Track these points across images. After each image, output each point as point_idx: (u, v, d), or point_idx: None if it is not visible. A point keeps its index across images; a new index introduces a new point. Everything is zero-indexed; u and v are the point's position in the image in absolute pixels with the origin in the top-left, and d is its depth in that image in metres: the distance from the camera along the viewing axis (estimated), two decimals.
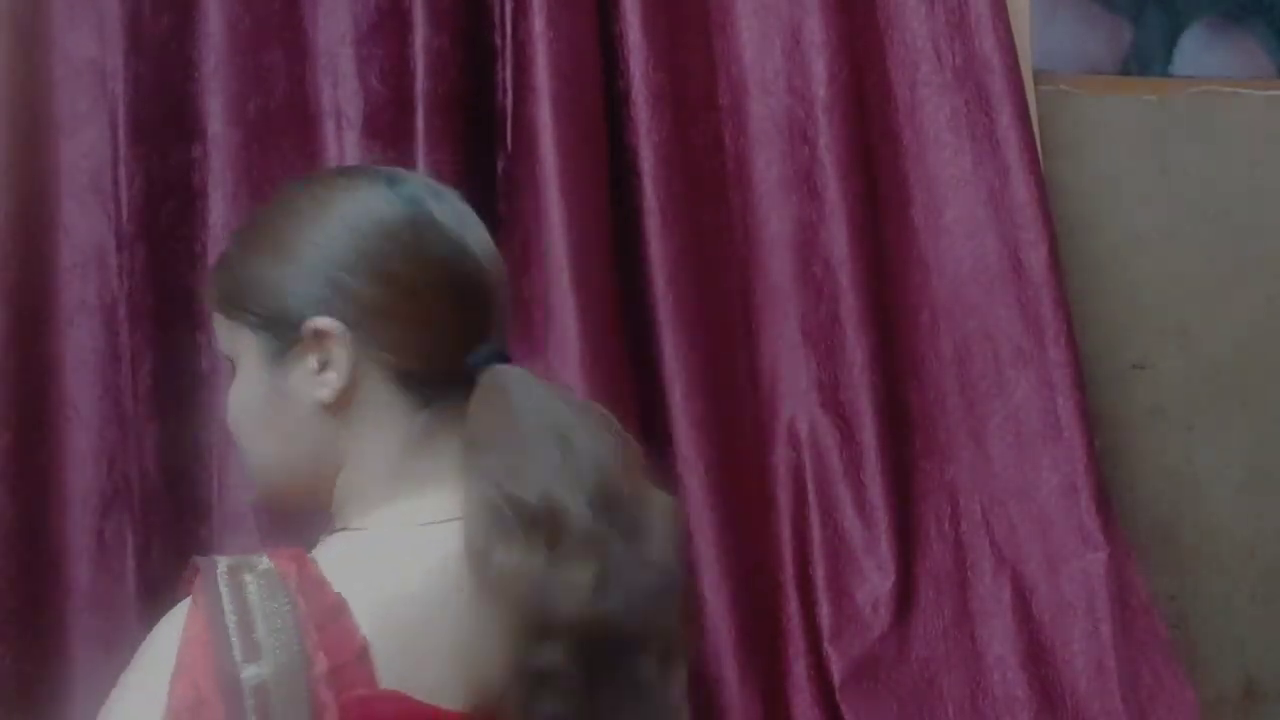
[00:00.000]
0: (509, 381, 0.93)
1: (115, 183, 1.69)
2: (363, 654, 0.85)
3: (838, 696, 1.61)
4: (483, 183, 1.70)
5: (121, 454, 1.69)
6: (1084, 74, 1.93)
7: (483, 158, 1.70)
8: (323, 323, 0.92)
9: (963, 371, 1.72)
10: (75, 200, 1.70)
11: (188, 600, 0.87)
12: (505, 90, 1.70)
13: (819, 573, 1.63)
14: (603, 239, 1.65)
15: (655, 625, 0.91)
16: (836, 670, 1.61)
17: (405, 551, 0.90)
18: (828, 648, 1.62)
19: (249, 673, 0.82)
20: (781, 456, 1.67)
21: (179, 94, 1.69)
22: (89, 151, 1.70)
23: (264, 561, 0.87)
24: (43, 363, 1.68)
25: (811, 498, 1.65)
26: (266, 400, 0.96)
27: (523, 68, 1.65)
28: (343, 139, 1.68)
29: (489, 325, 0.97)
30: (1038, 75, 1.86)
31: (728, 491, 1.62)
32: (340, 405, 0.94)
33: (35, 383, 1.67)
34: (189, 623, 0.84)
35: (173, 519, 1.69)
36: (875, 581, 1.64)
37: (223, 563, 0.87)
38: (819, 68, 1.72)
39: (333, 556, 0.90)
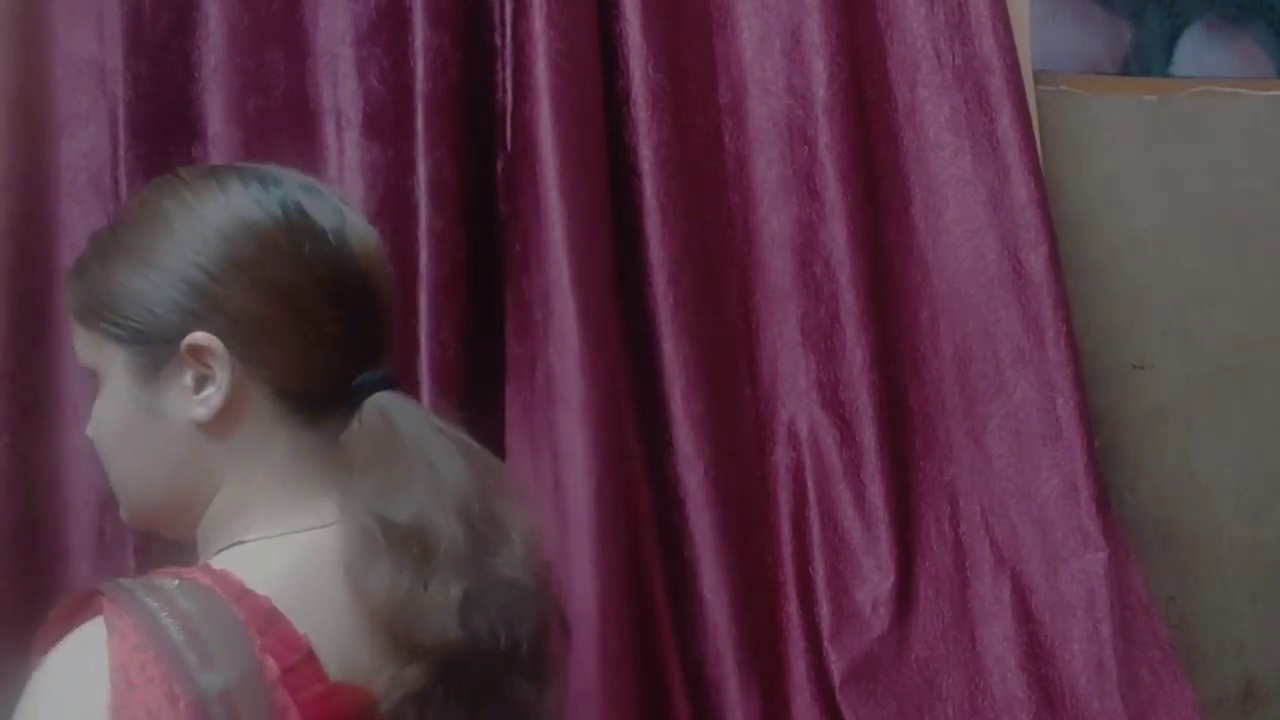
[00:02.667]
0: (390, 409, 0.89)
1: (115, 182, 1.68)
2: (309, 653, 0.83)
3: (837, 697, 1.59)
4: (483, 183, 1.68)
5: None
6: (1084, 74, 1.91)
7: (483, 158, 1.69)
8: (200, 338, 0.86)
9: (962, 371, 1.70)
10: (75, 200, 1.68)
11: (95, 628, 0.80)
12: (505, 90, 1.68)
13: (819, 573, 1.62)
14: (603, 239, 1.63)
15: (525, 645, 0.89)
16: (836, 670, 1.59)
17: (300, 555, 0.88)
18: (827, 648, 1.60)
19: (208, 681, 0.78)
20: (781, 456, 1.65)
21: (179, 94, 1.68)
22: (89, 151, 1.68)
23: (173, 580, 0.83)
24: (43, 363, 1.67)
25: (811, 497, 1.64)
26: (135, 418, 0.89)
27: (523, 68, 1.63)
28: (343, 139, 1.66)
29: (377, 342, 0.92)
30: (1038, 75, 1.85)
31: (727, 491, 1.61)
32: (218, 425, 0.87)
33: (35, 383, 1.66)
34: (115, 648, 0.78)
35: None
36: (875, 581, 1.62)
37: (133, 584, 0.83)
38: (819, 68, 1.70)
39: (240, 566, 0.86)
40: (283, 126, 1.67)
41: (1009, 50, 1.71)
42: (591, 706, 1.49)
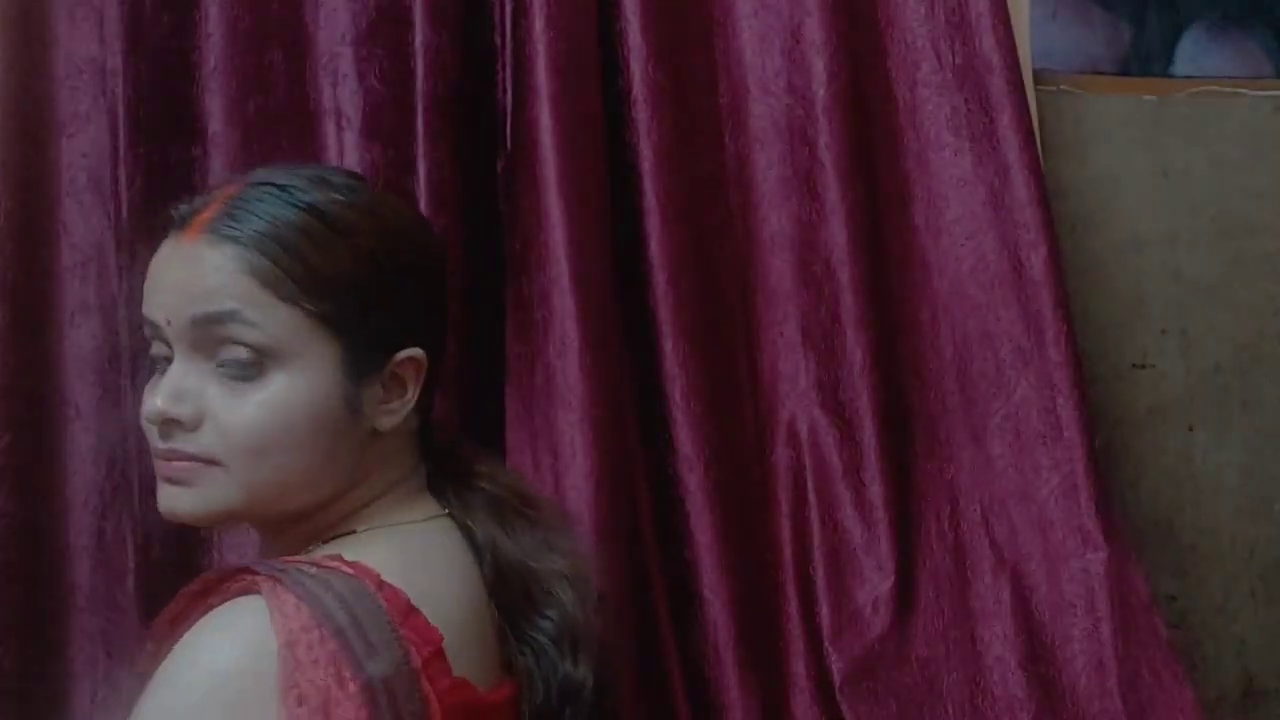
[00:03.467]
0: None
1: (115, 182, 1.67)
2: (440, 646, 0.83)
3: (838, 696, 1.58)
4: (483, 183, 1.67)
5: (121, 454, 1.66)
6: (1084, 74, 1.89)
7: (483, 158, 1.67)
8: (419, 355, 0.89)
9: (963, 371, 1.68)
10: (75, 200, 1.67)
11: (252, 604, 0.78)
12: (505, 90, 1.67)
13: (819, 573, 1.60)
14: (603, 239, 1.62)
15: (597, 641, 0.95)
16: (836, 670, 1.58)
17: (420, 548, 0.88)
18: (828, 648, 1.59)
19: (374, 667, 0.78)
20: (781, 456, 1.64)
21: (179, 94, 1.67)
22: (89, 151, 1.67)
23: (310, 568, 0.82)
24: (43, 363, 1.65)
25: (811, 498, 1.62)
26: (335, 413, 0.86)
27: (522, 67, 1.62)
28: (342, 139, 1.65)
29: None
30: (1038, 75, 1.83)
31: (727, 491, 1.59)
32: (387, 432, 0.91)
33: (36, 383, 1.65)
34: (280, 626, 0.76)
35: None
36: (875, 581, 1.60)
37: (284, 566, 0.82)
38: (819, 68, 1.68)
39: (365, 556, 0.85)
40: (283, 127, 1.66)
41: (1009, 50, 1.70)
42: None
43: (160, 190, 1.65)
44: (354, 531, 0.89)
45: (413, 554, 0.88)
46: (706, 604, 1.54)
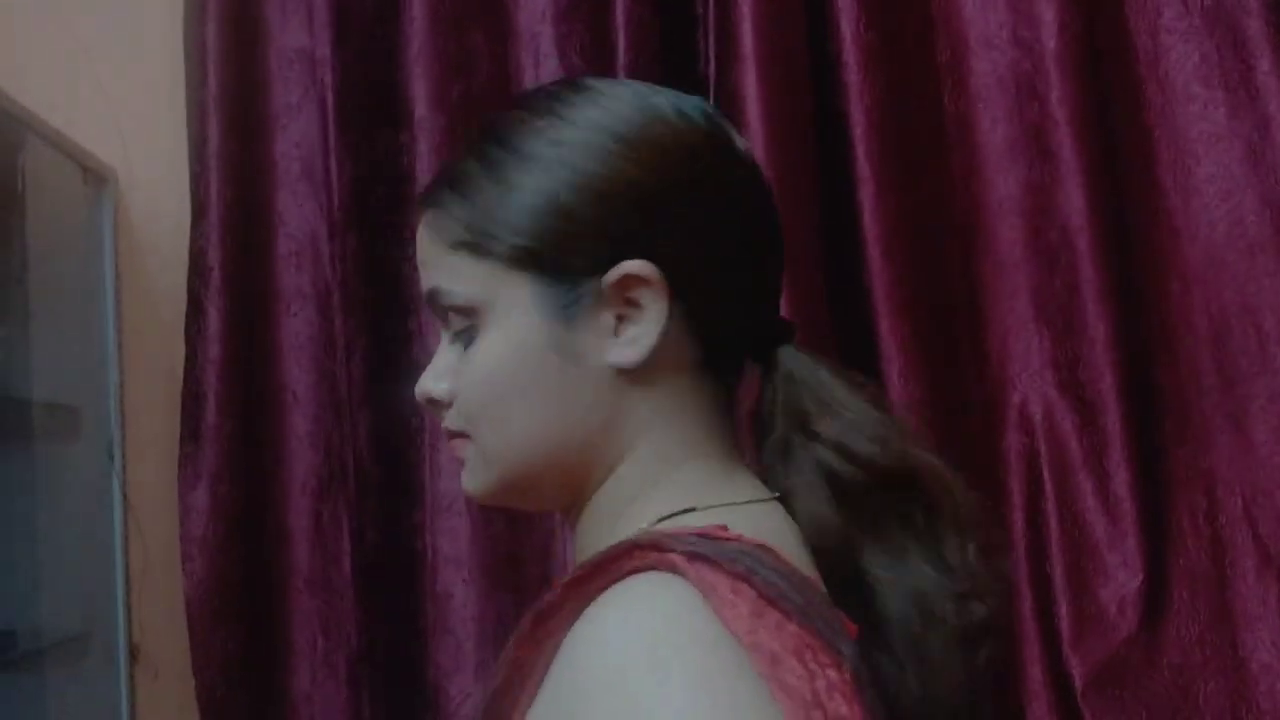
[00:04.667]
0: (805, 357, 0.73)
1: (326, 171, 1.65)
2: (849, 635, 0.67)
3: (1079, 703, 1.44)
4: None
5: (337, 438, 1.65)
6: None
7: None
8: (637, 267, 0.68)
9: (1219, 348, 1.49)
10: (289, 190, 1.67)
11: (673, 588, 0.61)
12: (708, 59, 1.57)
13: (1057, 570, 1.46)
14: (813, 212, 1.51)
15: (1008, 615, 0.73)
16: (1078, 676, 1.44)
17: (773, 528, 0.70)
18: (1067, 651, 1.45)
19: (849, 649, 0.62)
20: (1013, 443, 1.49)
21: (385, 80, 1.65)
22: (301, 141, 1.67)
23: (699, 540, 0.65)
24: (262, 350, 1.66)
25: (1048, 488, 1.47)
26: (545, 361, 0.70)
27: (726, 34, 1.52)
28: None
29: (780, 289, 0.77)
30: None
31: None
32: (641, 372, 0.70)
33: (255, 370, 1.65)
34: (728, 612, 0.59)
35: (386, 502, 1.63)
36: (1121, 580, 1.45)
37: (700, 540, 0.64)
38: (1049, 17, 1.52)
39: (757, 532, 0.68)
40: (486, 109, 1.61)
41: None
42: None
43: (369, 178, 1.64)
44: (697, 509, 0.69)
45: (770, 535, 0.68)
46: None
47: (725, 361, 0.73)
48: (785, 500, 0.72)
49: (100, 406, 1.65)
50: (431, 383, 0.74)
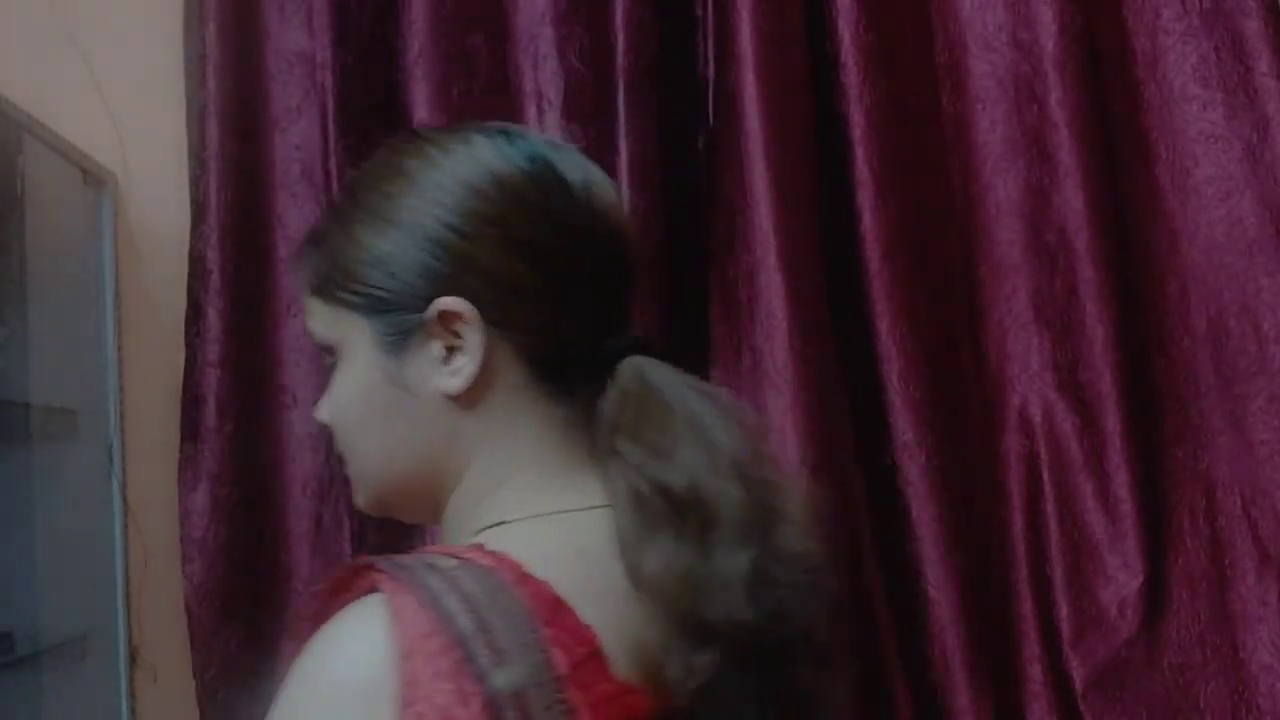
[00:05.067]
0: (648, 372, 0.77)
1: (326, 173, 1.64)
2: (597, 648, 0.70)
3: (1080, 704, 1.44)
4: (684, 159, 1.56)
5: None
6: None
7: (685, 133, 1.57)
8: (451, 303, 0.76)
9: (1218, 348, 1.50)
10: (289, 192, 1.66)
11: (371, 607, 0.68)
12: (707, 61, 1.57)
13: (1057, 571, 1.46)
14: (812, 214, 1.50)
15: (809, 627, 0.76)
16: (1078, 676, 1.45)
17: (577, 536, 0.76)
18: (1068, 652, 1.45)
19: (503, 679, 0.67)
20: (1012, 444, 1.49)
21: (385, 82, 1.63)
22: (301, 143, 1.66)
23: (451, 560, 0.71)
24: (262, 352, 1.65)
25: (1047, 489, 1.47)
26: (383, 393, 0.79)
27: (726, 35, 1.52)
28: (544, 120, 1.59)
29: (627, 303, 0.82)
30: None
31: (953, 482, 1.46)
32: (469, 396, 0.77)
33: (255, 372, 1.64)
34: (399, 634, 0.67)
35: None
36: (1121, 581, 1.45)
37: (412, 561, 0.71)
38: (1047, 19, 1.52)
39: (513, 547, 0.74)
40: (486, 111, 1.60)
41: None
42: None
43: None
44: (504, 521, 0.76)
45: (571, 544, 0.75)
46: (932, 604, 1.42)
47: (561, 381, 0.79)
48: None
49: (100, 409, 1.64)
50: (318, 409, 0.83)
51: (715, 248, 1.51)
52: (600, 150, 1.54)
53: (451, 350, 0.77)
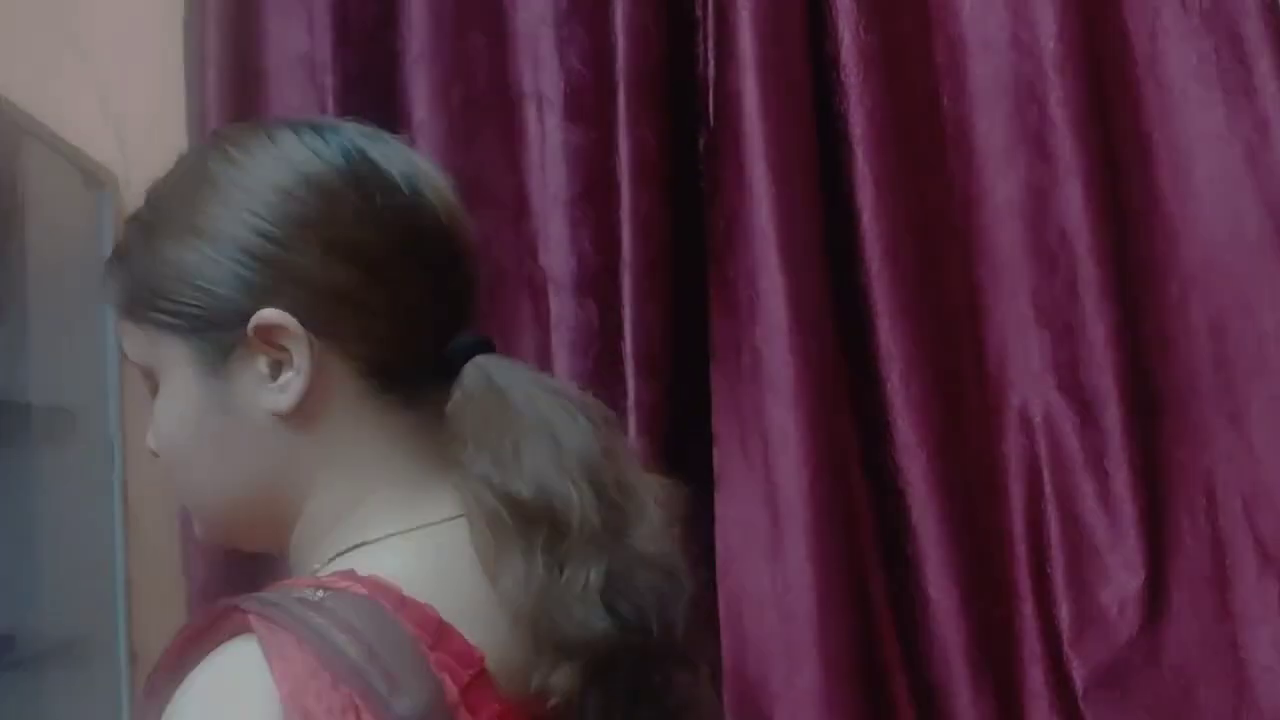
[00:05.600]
0: (494, 373, 0.74)
1: None
2: (484, 668, 0.68)
3: (1080, 705, 1.43)
4: (685, 159, 1.56)
5: None
6: None
7: (685, 133, 1.57)
8: (270, 315, 0.69)
9: (1218, 348, 1.49)
10: None
11: (244, 649, 0.64)
12: (707, 61, 1.57)
13: (1058, 571, 1.45)
14: (812, 214, 1.50)
15: (678, 630, 0.73)
16: (1079, 677, 1.44)
17: (440, 552, 0.71)
18: (1068, 653, 1.44)
19: (403, 708, 0.63)
20: (1013, 444, 1.49)
21: (385, 84, 1.62)
22: None
23: (317, 591, 0.67)
24: None
25: (1048, 489, 1.46)
26: (206, 417, 0.72)
27: (725, 36, 1.51)
28: (544, 122, 1.58)
29: (466, 302, 0.77)
30: None
31: (953, 483, 1.45)
32: (304, 414, 0.71)
33: None
34: (281, 673, 0.62)
35: None
36: (1122, 581, 1.44)
37: (278, 597, 0.67)
38: (1047, 19, 1.52)
39: (380, 569, 0.69)
40: (485, 112, 1.60)
41: None
42: (810, 710, 1.36)
43: None
44: (365, 543, 0.71)
45: (439, 560, 0.71)
46: (932, 604, 1.41)
47: (406, 388, 0.73)
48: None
49: (100, 409, 1.63)
50: (147, 438, 0.77)
51: (715, 248, 1.50)
52: (600, 151, 1.54)
53: (278, 366, 0.71)
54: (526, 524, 0.69)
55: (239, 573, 1.59)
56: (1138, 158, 1.52)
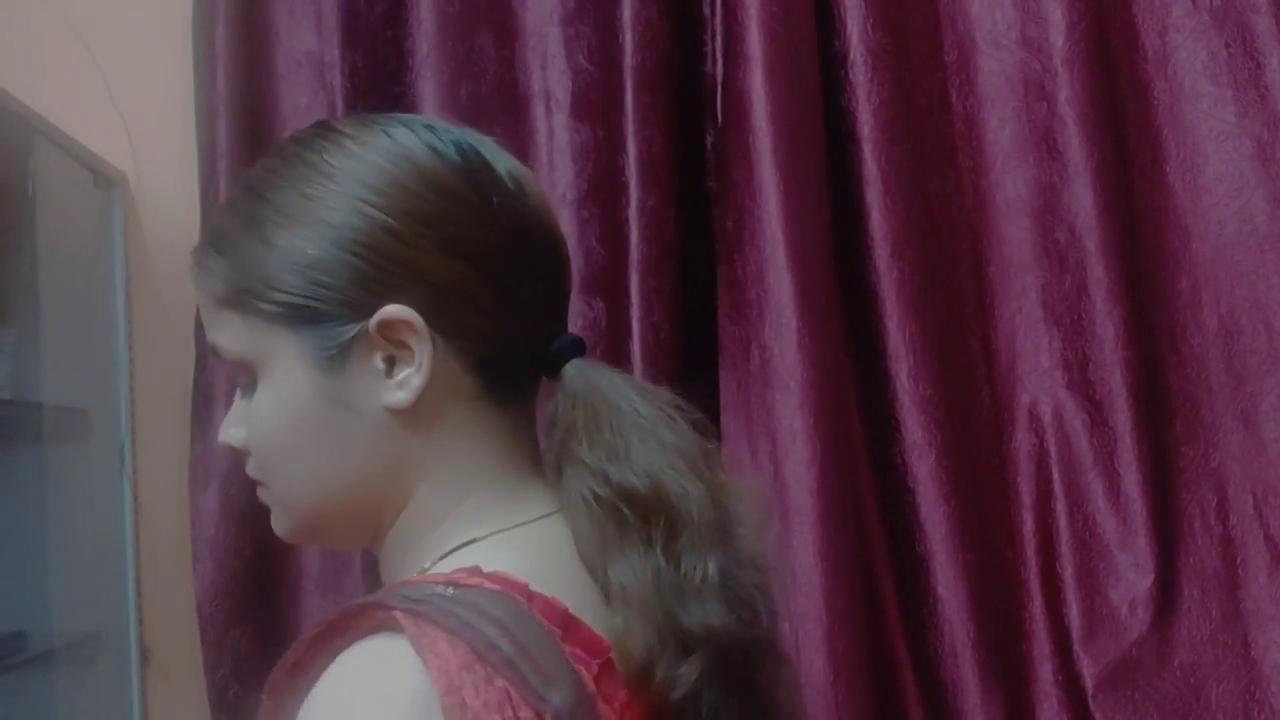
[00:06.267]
0: (592, 374, 0.73)
1: None
2: (609, 657, 0.67)
3: (1090, 704, 1.41)
4: (693, 158, 1.55)
5: None
6: None
7: (693, 132, 1.56)
8: (396, 312, 0.69)
9: (1229, 346, 1.47)
10: None
11: (392, 646, 0.63)
12: (715, 60, 1.55)
13: (1067, 570, 1.43)
14: (820, 212, 1.48)
15: (772, 628, 0.73)
16: (1088, 676, 1.42)
17: (548, 545, 0.72)
18: (1078, 651, 1.42)
19: (558, 699, 0.63)
20: (1022, 443, 1.46)
21: (394, 83, 1.62)
22: None
23: (447, 588, 0.66)
24: None
25: (1057, 488, 1.44)
26: (318, 412, 0.70)
27: (733, 34, 1.50)
28: (552, 121, 1.57)
29: (565, 302, 0.77)
30: None
31: (962, 481, 1.44)
32: (416, 412, 0.70)
33: None
34: (437, 669, 0.62)
35: None
36: (1132, 580, 1.42)
37: (420, 594, 0.66)
38: (1056, 16, 1.50)
39: (502, 565, 0.69)
40: (493, 111, 1.59)
41: None
42: (819, 708, 1.35)
43: None
44: (474, 540, 0.71)
45: (543, 554, 0.70)
46: (941, 603, 1.40)
47: (508, 387, 0.74)
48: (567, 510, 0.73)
49: (111, 409, 1.63)
50: (227, 431, 0.75)
51: (724, 246, 1.49)
52: (609, 150, 1.53)
53: (392, 362, 0.70)
54: (644, 517, 0.69)
55: (248, 572, 1.59)
56: (1148, 155, 1.50)
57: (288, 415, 0.71)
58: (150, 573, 1.65)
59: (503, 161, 0.73)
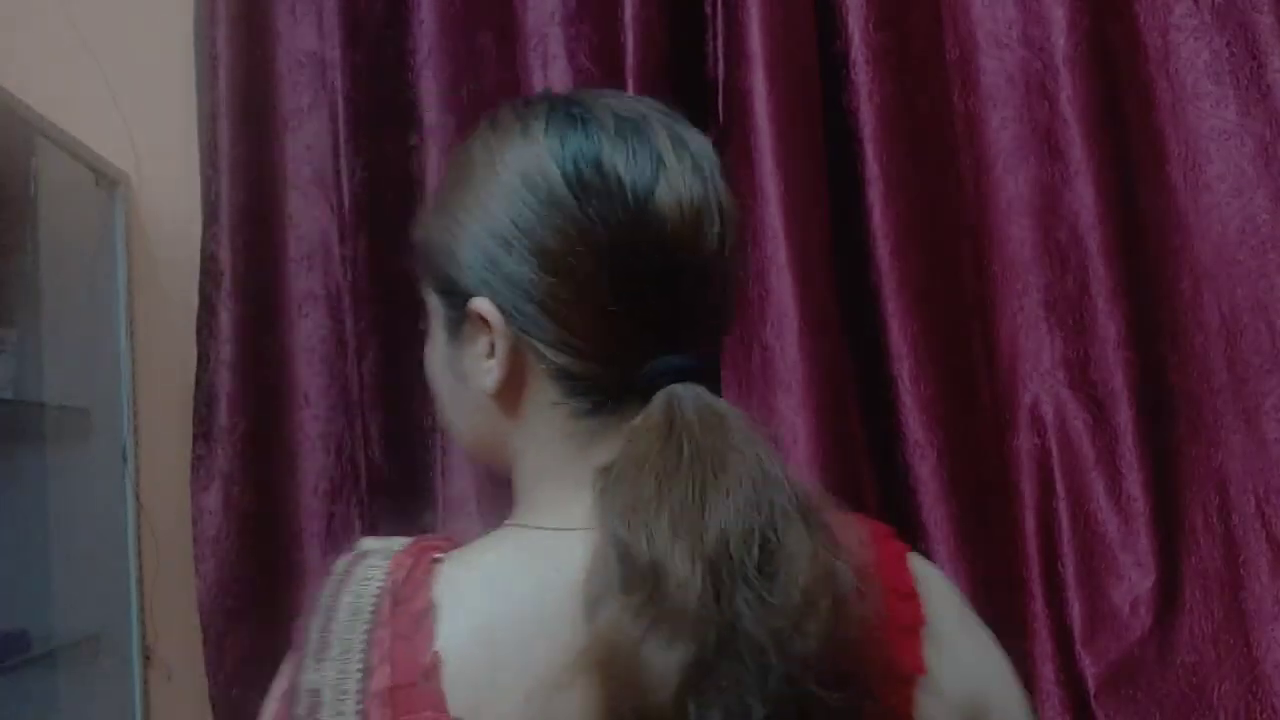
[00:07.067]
0: (681, 405, 0.70)
1: (337, 174, 1.63)
2: (430, 674, 0.67)
3: (1092, 703, 1.39)
4: None
5: (348, 440, 1.62)
6: None
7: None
8: (480, 305, 0.72)
9: (1231, 346, 1.46)
10: (300, 192, 1.64)
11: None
12: (716, 59, 1.54)
13: (1069, 570, 1.42)
14: (821, 212, 1.48)
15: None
16: (1090, 675, 1.41)
17: (525, 560, 0.71)
18: (1080, 651, 1.41)
19: (311, 675, 0.69)
20: (1024, 442, 1.46)
21: (395, 83, 1.62)
22: (312, 144, 1.64)
23: (396, 547, 0.73)
24: (275, 352, 1.63)
25: (1059, 487, 1.44)
26: (444, 369, 0.78)
27: (735, 33, 1.49)
28: None
29: (680, 322, 0.72)
30: None
31: (964, 481, 1.43)
32: (504, 400, 0.74)
33: (268, 371, 1.63)
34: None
35: (398, 503, 1.61)
36: (1134, 579, 1.41)
37: (366, 544, 0.73)
38: (1058, 15, 1.49)
39: (462, 557, 0.73)
40: (495, 110, 1.57)
41: None
42: None
43: (380, 180, 1.61)
44: (522, 525, 0.74)
45: (511, 565, 0.71)
46: None
47: (590, 399, 0.73)
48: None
49: (113, 408, 1.63)
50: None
51: None
52: None
53: (491, 348, 0.73)
54: (630, 579, 0.66)
55: (249, 572, 1.59)
56: (1149, 154, 1.49)
57: (433, 367, 0.79)
58: (152, 572, 1.64)
59: (637, 171, 0.71)
